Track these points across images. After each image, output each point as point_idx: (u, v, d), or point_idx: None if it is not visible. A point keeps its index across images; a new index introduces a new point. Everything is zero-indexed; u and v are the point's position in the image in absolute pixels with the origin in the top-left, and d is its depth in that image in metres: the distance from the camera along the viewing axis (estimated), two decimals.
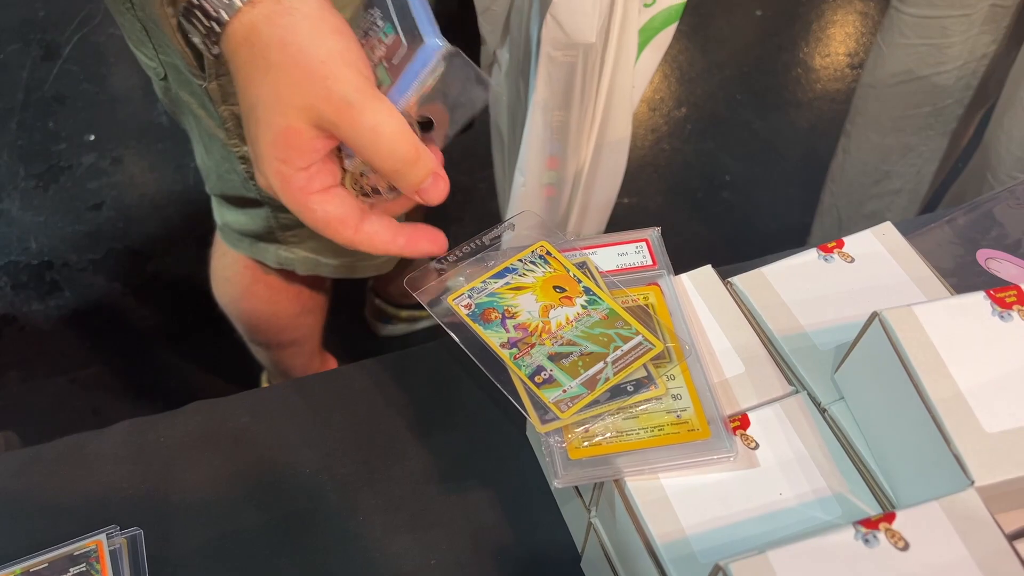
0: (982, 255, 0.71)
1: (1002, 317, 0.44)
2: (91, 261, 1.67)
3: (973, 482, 0.39)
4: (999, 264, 0.70)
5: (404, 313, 1.56)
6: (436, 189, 0.49)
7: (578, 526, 0.56)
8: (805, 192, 1.66)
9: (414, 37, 0.47)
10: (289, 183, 0.48)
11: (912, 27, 1.24)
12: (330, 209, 0.49)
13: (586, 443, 0.47)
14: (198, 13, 0.48)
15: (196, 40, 0.51)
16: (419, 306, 0.55)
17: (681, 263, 0.56)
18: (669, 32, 0.79)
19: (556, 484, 0.46)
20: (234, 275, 1.06)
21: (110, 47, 2.05)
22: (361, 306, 1.58)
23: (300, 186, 0.48)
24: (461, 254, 0.55)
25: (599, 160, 0.79)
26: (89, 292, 1.63)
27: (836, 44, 2.10)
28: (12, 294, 1.62)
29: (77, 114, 1.92)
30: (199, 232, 1.70)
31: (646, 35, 0.77)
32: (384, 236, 0.51)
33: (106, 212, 1.75)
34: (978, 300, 0.45)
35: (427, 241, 0.52)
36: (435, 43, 0.46)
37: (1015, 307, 0.45)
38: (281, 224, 0.92)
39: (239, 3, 0.47)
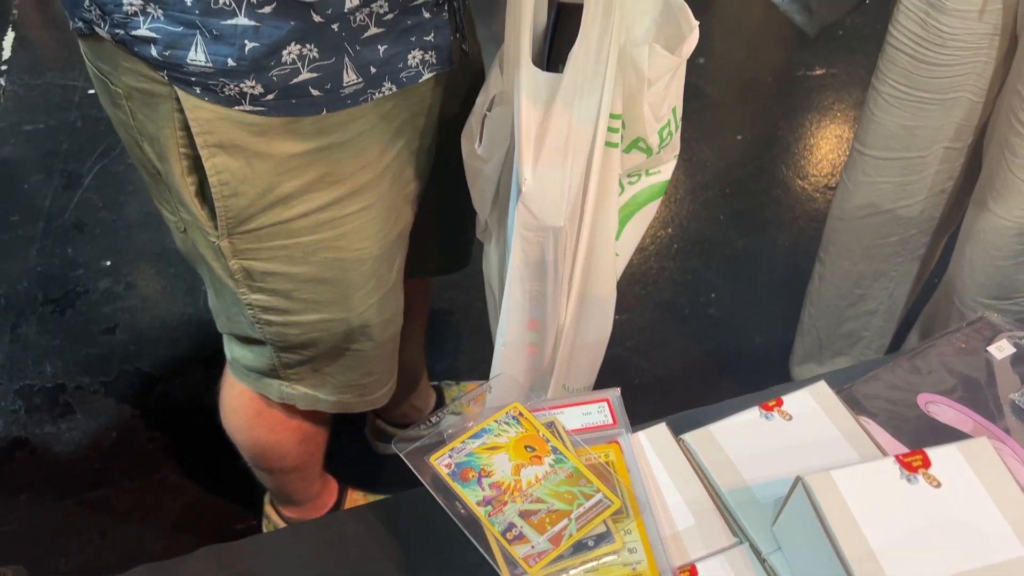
0: (922, 399, 0.78)
1: (909, 480, 0.51)
2: (103, 383, 1.75)
3: None
4: (938, 408, 0.77)
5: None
6: None
7: None
8: (787, 308, 1.73)
9: None
10: None
11: (873, 167, 1.34)
12: None
13: None
14: None
15: None
16: (417, 427, 0.63)
17: (669, 379, 0.63)
18: (653, 206, 0.88)
19: None
20: (241, 406, 1.13)
21: (128, 176, 2.17)
22: (362, 426, 1.64)
23: None
24: (445, 415, 0.63)
25: (588, 314, 0.87)
26: (100, 414, 1.70)
27: (813, 166, 2.22)
28: (26, 417, 1.69)
29: (95, 241, 2.03)
30: (207, 354, 1.78)
31: (631, 209, 0.87)
32: None
33: (119, 335, 1.83)
34: (888, 465, 0.52)
35: None
36: None
37: (920, 471, 0.51)
38: (283, 363, 1.01)
39: None
